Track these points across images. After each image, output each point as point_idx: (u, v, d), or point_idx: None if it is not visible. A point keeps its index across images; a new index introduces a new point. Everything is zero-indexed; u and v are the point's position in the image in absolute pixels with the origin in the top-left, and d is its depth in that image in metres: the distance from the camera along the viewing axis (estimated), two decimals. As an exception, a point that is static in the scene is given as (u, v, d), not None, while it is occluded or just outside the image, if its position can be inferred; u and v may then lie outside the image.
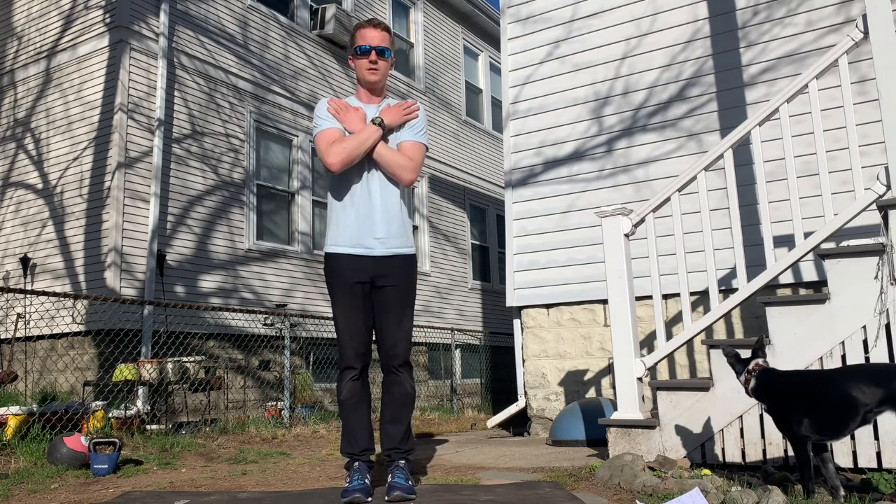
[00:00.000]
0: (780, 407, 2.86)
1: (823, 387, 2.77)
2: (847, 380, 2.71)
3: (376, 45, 3.26)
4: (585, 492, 3.21)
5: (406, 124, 3.32)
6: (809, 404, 2.77)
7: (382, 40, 3.28)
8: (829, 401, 2.72)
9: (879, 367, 2.78)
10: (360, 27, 3.32)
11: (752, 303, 4.13)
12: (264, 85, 9.70)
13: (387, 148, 3.23)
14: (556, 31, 6.57)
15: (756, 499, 2.73)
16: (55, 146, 8.65)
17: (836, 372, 2.81)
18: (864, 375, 2.69)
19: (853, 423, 2.68)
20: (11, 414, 5.21)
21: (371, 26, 3.30)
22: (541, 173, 6.51)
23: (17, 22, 9.47)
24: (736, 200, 3.90)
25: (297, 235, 9.88)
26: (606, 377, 6.02)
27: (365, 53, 3.26)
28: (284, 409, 7.17)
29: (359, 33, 3.31)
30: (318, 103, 3.37)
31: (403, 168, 3.22)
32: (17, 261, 8.60)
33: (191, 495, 3.34)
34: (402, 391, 3.24)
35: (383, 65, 3.29)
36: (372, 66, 3.27)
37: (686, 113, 5.88)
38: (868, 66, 4.82)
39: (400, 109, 3.31)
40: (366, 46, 3.26)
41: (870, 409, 2.65)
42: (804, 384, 2.84)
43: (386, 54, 3.29)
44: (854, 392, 2.66)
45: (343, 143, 3.16)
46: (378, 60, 3.26)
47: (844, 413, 2.68)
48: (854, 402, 2.65)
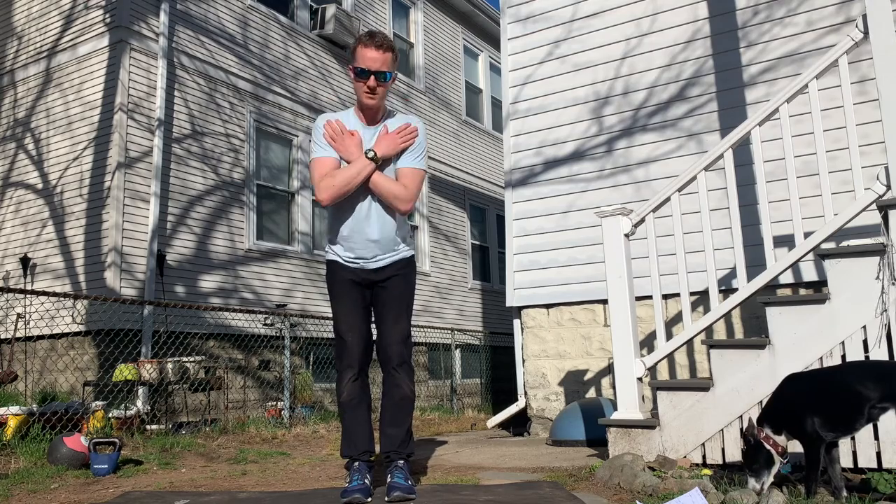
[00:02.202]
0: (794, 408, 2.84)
1: (829, 383, 2.79)
2: (851, 375, 2.74)
3: (376, 70, 3.10)
4: (585, 492, 3.21)
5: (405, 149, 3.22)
6: (818, 402, 2.77)
7: (384, 63, 3.11)
8: (837, 397, 2.74)
9: (881, 363, 2.83)
10: (363, 44, 3.13)
11: (752, 303, 4.13)
12: (264, 85, 9.70)
13: (383, 177, 3.15)
14: (557, 31, 6.56)
15: (756, 499, 2.73)
16: (55, 146, 8.65)
17: (838, 368, 2.85)
18: (867, 372, 2.73)
19: (861, 417, 2.69)
20: (11, 414, 5.21)
21: (374, 45, 3.11)
22: (541, 173, 6.51)
23: (17, 22, 9.47)
24: (736, 200, 3.90)
25: (297, 235, 9.88)
26: (606, 377, 6.02)
27: (363, 77, 3.12)
28: (284, 409, 7.17)
29: (360, 51, 3.13)
30: (317, 122, 3.27)
31: (399, 199, 3.16)
32: (17, 261, 8.60)
33: (191, 495, 3.34)
34: (401, 394, 3.23)
35: (382, 90, 3.16)
36: (369, 93, 3.14)
37: (686, 113, 5.88)
38: (868, 66, 4.82)
39: (396, 138, 3.19)
40: (365, 71, 3.10)
41: (873, 404, 2.67)
42: (811, 383, 2.87)
43: (386, 78, 3.14)
44: (858, 387, 2.68)
45: (334, 179, 3.10)
46: (377, 87, 3.13)
47: (851, 408, 2.69)
48: (859, 396, 2.67)
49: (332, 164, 3.17)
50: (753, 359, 3.61)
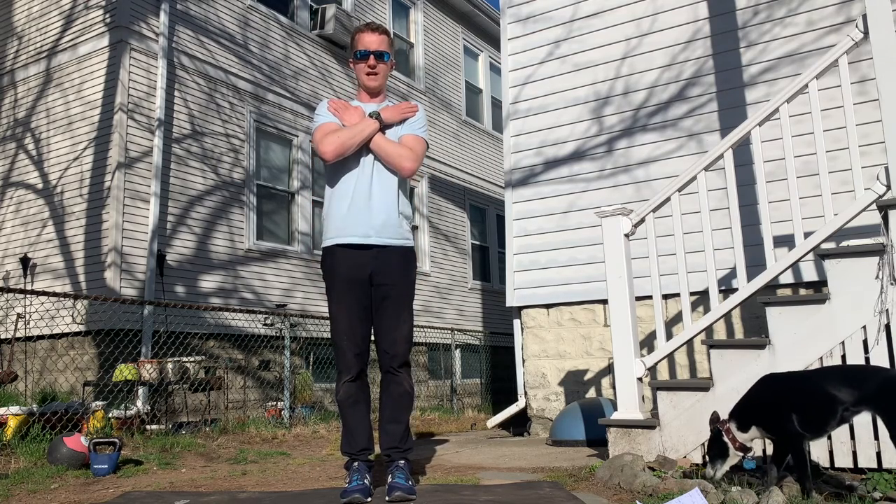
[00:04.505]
0: (774, 406, 2.91)
1: (806, 386, 2.86)
2: (826, 379, 2.81)
3: (374, 50, 3.29)
4: (585, 492, 3.21)
5: (406, 121, 3.34)
6: (794, 402, 2.84)
7: (381, 44, 3.30)
8: (812, 399, 2.81)
9: (855, 367, 2.96)
10: (359, 31, 3.34)
11: (752, 303, 4.13)
12: (264, 85, 9.70)
13: (386, 139, 3.25)
14: (557, 31, 6.56)
15: (756, 499, 2.73)
16: (55, 146, 8.65)
17: (816, 372, 2.92)
18: (843, 376, 2.80)
19: (833, 419, 2.76)
20: (11, 414, 5.21)
21: (369, 30, 3.32)
22: (541, 173, 6.51)
23: (18, 22, 9.47)
24: (736, 200, 3.90)
25: (297, 235, 9.88)
26: (606, 377, 6.02)
27: (364, 58, 3.29)
28: (284, 409, 7.17)
29: (358, 37, 3.32)
30: (319, 104, 3.41)
31: (403, 157, 3.22)
32: (17, 261, 8.60)
33: (191, 495, 3.34)
34: (401, 390, 3.23)
35: (382, 68, 3.33)
36: (371, 71, 3.31)
37: (686, 113, 5.88)
38: (868, 66, 4.82)
39: (399, 108, 3.35)
40: (364, 51, 3.29)
41: (846, 407, 2.74)
42: (787, 384, 2.94)
43: (385, 58, 3.31)
44: (832, 390, 2.75)
45: (338, 133, 3.19)
46: (377, 65, 3.30)
47: (825, 410, 2.76)
48: (833, 399, 2.75)
49: (334, 127, 3.25)
50: (753, 359, 3.61)
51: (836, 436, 3.44)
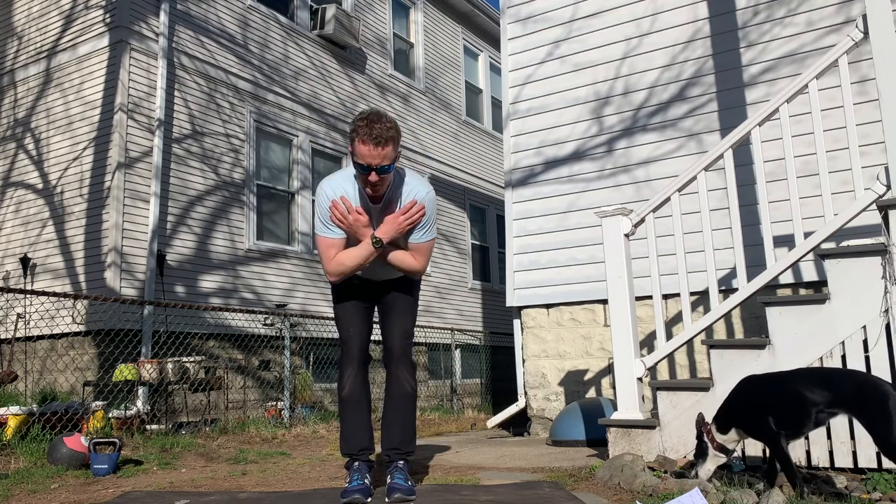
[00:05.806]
0: (751, 408, 2.95)
1: (780, 388, 2.88)
2: (801, 381, 2.84)
3: (377, 165, 2.94)
4: (585, 492, 3.21)
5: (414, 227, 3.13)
6: (770, 404, 2.87)
7: (384, 158, 2.92)
8: (787, 400, 2.83)
9: (829, 370, 2.98)
10: (361, 139, 2.92)
11: (752, 303, 4.13)
12: (264, 85, 9.70)
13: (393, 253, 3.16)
14: (557, 31, 6.56)
15: (756, 499, 2.73)
16: (55, 146, 8.65)
17: (792, 374, 2.94)
18: (817, 378, 2.83)
19: (808, 421, 2.79)
20: (11, 414, 5.21)
21: (372, 143, 2.90)
22: (541, 173, 6.51)
23: (18, 22, 9.47)
24: (736, 200, 3.90)
25: (298, 235, 9.88)
26: (606, 377, 6.02)
27: (364, 172, 2.98)
28: (284, 409, 7.18)
29: (358, 147, 2.93)
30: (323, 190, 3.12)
31: (411, 272, 3.23)
32: (17, 261, 8.60)
33: (191, 495, 3.34)
34: (403, 391, 3.24)
35: (385, 179, 3.03)
36: (373, 185, 3.01)
37: (686, 113, 5.88)
38: (868, 66, 4.82)
39: (401, 221, 3.07)
40: (367, 167, 2.95)
41: (820, 409, 2.76)
42: (764, 386, 2.98)
43: (388, 170, 2.99)
44: (806, 392, 2.78)
45: (342, 259, 3.11)
46: (379, 178, 2.98)
47: (799, 412, 2.79)
48: (806, 401, 2.78)
49: (339, 245, 3.14)
50: (753, 359, 3.61)
51: (836, 436, 3.44)
